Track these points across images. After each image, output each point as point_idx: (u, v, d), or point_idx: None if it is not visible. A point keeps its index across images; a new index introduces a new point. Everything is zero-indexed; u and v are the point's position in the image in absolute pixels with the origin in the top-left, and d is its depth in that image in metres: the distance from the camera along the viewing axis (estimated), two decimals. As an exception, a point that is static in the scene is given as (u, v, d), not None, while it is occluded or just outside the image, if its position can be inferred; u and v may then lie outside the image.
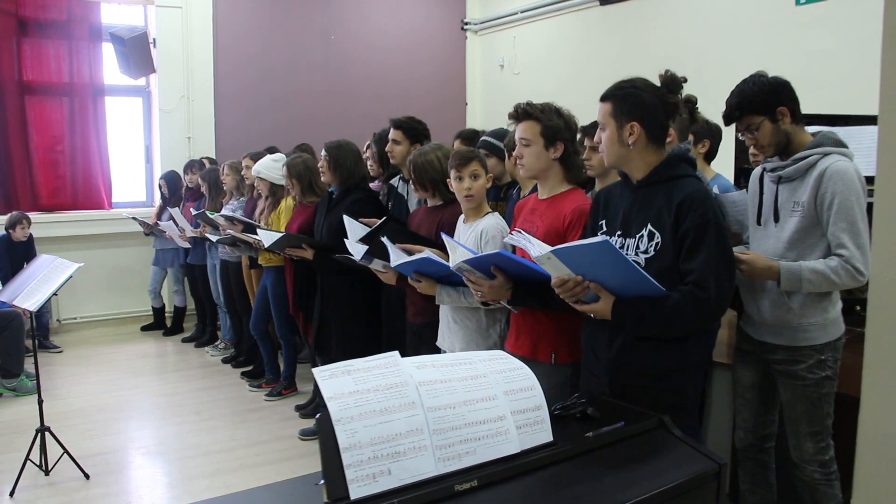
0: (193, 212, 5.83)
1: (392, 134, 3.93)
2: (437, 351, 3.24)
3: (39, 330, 6.54)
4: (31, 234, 6.45)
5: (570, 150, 2.63)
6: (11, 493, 3.66)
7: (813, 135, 2.49)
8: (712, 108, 2.80)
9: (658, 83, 2.22)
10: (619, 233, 2.24)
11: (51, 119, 7.24)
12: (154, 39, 7.38)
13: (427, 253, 2.78)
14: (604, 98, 2.25)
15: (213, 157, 7.25)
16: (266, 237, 4.15)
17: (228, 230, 4.88)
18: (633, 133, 2.18)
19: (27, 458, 3.74)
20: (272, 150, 5.67)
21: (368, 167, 4.59)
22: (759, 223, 2.59)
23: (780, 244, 2.48)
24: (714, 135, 3.63)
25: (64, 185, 7.30)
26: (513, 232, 2.32)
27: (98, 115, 7.36)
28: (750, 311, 2.63)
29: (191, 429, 4.60)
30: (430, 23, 8.77)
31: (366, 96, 8.18)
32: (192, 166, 6.62)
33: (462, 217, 3.13)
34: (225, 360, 6.08)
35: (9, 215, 6.41)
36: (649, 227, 2.15)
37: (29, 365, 5.85)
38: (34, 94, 7.13)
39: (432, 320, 3.27)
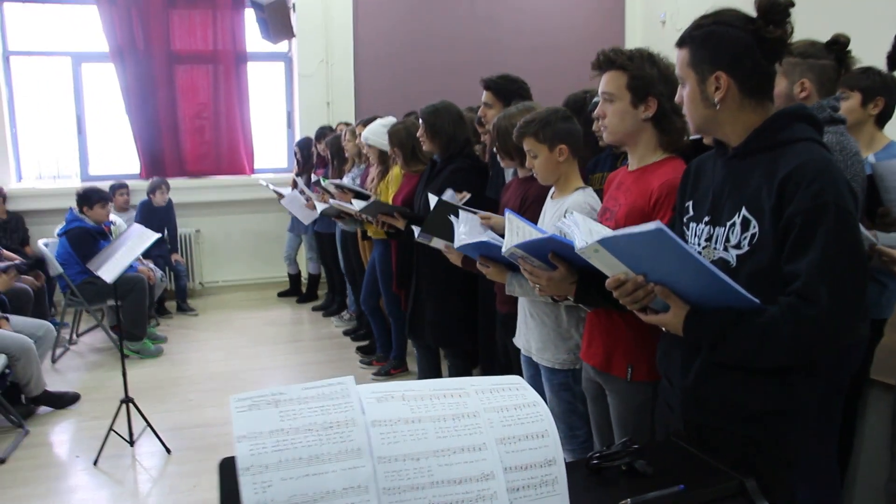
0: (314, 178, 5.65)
1: (484, 96, 3.43)
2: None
3: (178, 294, 6.70)
4: (170, 199, 6.60)
5: (667, 108, 2.04)
6: (95, 462, 3.63)
7: None
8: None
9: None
10: (706, 219, 1.66)
11: (197, 87, 7.35)
12: (294, 4, 7.27)
13: (487, 235, 2.31)
14: (680, 43, 1.66)
15: (352, 123, 7.06)
16: (358, 203, 3.82)
17: (330, 200, 4.61)
18: (720, 86, 1.58)
19: (111, 428, 3.70)
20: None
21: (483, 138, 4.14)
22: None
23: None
24: (890, 90, 2.82)
25: (208, 151, 7.41)
26: (567, 215, 1.80)
27: (241, 82, 7.39)
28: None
29: (290, 406, 4.43)
30: (586, -22, 8.06)
31: (514, 59, 7.56)
32: (323, 133, 6.45)
33: (552, 191, 2.62)
34: (346, 333, 5.91)
35: (150, 181, 6.59)
36: (744, 212, 1.55)
37: (164, 329, 6.03)
38: (182, 62, 7.26)
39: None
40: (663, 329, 1.65)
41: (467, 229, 2.57)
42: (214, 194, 7.30)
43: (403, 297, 4.29)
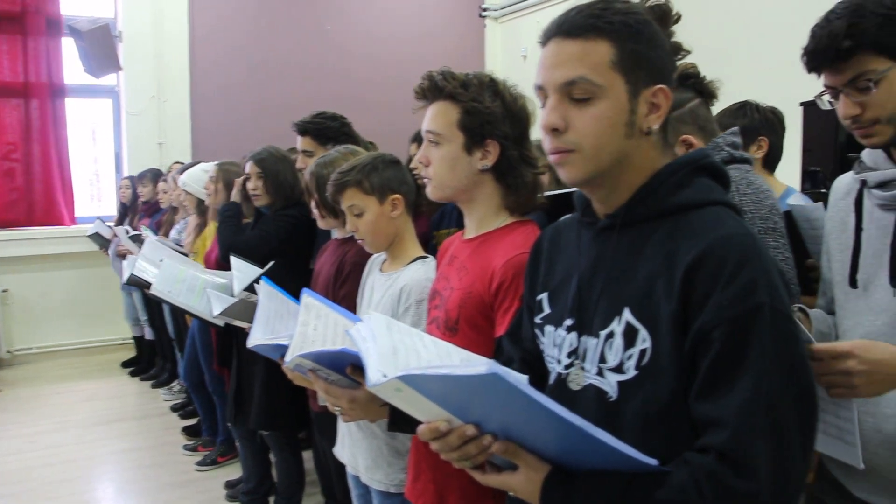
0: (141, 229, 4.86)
1: (300, 143, 2.83)
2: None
3: (-24, 367, 5.66)
4: (-36, 257, 5.58)
5: (513, 156, 1.51)
6: None
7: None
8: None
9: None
10: (569, 322, 1.11)
11: (4, 124, 6.36)
12: (120, 32, 6.45)
13: (287, 337, 1.67)
14: (583, 30, 1.03)
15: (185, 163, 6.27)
16: (217, 300, 2.64)
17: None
18: (660, 105, 1.06)
19: None
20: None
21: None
22: (853, 285, 1.40)
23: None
24: (773, 127, 2.43)
25: (19, 198, 6.39)
26: (365, 317, 1.21)
27: (58, 120, 6.45)
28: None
29: (88, 514, 3.62)
30: (444, 8, 7.66)
31: (367, 94, 7.05)
32: (143, 177, 5.63)
33: (382, 261, 2.03)
34: (174, 408, 5.08)
35: (-62, 236, 5.57)
36: (627, 316, 1.02)
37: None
38: (-15, 96, 6.28)
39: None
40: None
41: (271, 315, 1.92)
42: (26, 248, 6.29)
43: (227, 376, 3.57)
